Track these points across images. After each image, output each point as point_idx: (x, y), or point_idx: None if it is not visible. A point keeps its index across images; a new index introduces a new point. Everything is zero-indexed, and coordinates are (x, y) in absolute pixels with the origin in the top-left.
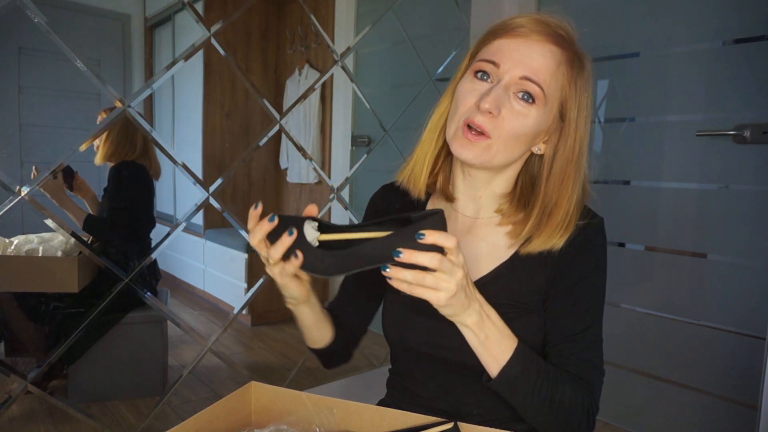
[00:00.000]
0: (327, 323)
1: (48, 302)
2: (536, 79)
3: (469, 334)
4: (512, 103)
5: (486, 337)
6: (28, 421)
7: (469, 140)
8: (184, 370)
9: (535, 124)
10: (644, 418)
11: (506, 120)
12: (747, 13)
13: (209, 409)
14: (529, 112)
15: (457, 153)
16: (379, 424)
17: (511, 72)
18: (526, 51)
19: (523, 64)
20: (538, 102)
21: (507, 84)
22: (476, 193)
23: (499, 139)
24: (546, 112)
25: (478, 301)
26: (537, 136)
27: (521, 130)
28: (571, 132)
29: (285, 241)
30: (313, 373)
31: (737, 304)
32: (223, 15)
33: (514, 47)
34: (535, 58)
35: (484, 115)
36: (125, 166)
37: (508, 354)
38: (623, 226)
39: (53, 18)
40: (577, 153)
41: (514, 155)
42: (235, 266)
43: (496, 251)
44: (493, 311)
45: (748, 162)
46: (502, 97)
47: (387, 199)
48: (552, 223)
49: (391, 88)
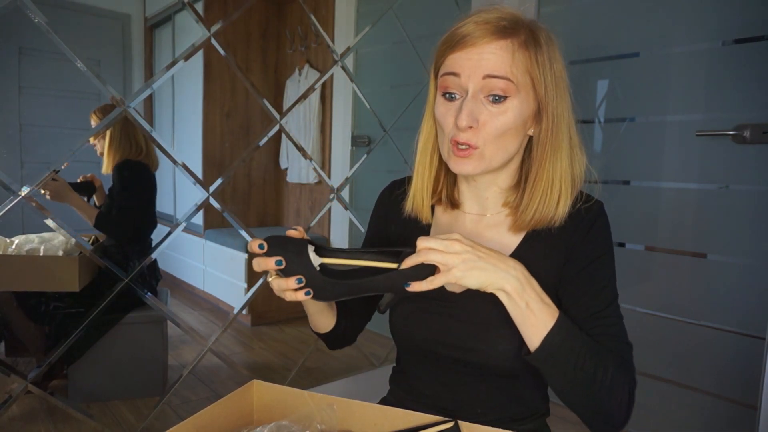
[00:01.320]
0: (330, 311)
1: (48, 302)
2: (498, 74)
3: (508, 302)
4: (487, 107)
5: (527, 304)
6: (28, 421)
7: (462, 156)
8: (184, 370)
9: (515, 116)
10: (644, 418)
11: (488, 125)
12: (747, 13)
13: (211, 408)
14: (506, 107)
15: (456, 170)
16: (381, 423)
17: (473, 78)
18: (478, 56)
19: (479, 67)
20: (510, 94)
21: (474, 92)
22: (482, 194)
23: (487, 145)
24: (522, 100)
25: (511, 263)
26: (524, 124)
27: (505, 127)
28: (546, 107)
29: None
30: (314, 373)
31: (737, 304)
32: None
33: (466, 57)
34: (489, 59)
35: (466, 132)
36: (127, 164)
37: (551, 323)
38: (623, 226)
39: (53, 18)
40: (552, 123)
41: (510, 150)
42: (235, 266)
43: (505, 245)
44: (534, 280)
45: (748, 162)
46: (475, 107)
47: (395, 196)
48: (537, 190)
49: (391, 88)
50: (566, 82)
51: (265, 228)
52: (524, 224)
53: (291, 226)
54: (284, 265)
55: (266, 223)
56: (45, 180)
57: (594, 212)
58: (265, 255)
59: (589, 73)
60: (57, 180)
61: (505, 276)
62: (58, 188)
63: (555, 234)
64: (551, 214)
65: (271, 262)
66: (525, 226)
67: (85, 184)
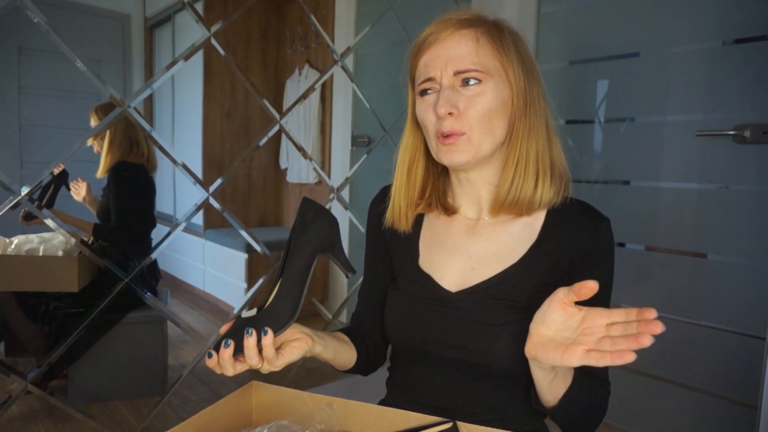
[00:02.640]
0: (346, 347)
1: (48, 302)
2: (467, 67)
3: (540, 375)
4: (463, 93)
5: (554, 375)
6: (28, 421)
7: (450, 144)
8: (184, 370)
9: (494, 97)
10: (644, 417)
11: (468, 108)
12: (747, 13)
13: (210, 409)
14: (483, 89)
15: (447, 162)
16: (380, 424)
17: (445, 73)
18: (444, 51)
19: (448, 63)
20: (483, 80)
21: (448, 84)
22: (477, 193)
23: (473, 128)
24: (497, 83)
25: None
26: (504, 105)
27: (485, 108)
28: (519, 90)
29: (249, 344)
30: (313, 373)
31: (737, 304)
32: (223, 15)
33: (434, 55)
34: (454, 49)
35: (447, 119)
36: (125, 166)
37: (569, 381)
38: (623, 226)
39: (53, 18)
40: (525, 105)
41: (496, 134)
42: (235, 266)
43: (504, 251)
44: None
45: (748, 162)
46: (452, 95)
47: (386, 201)
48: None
49: (391, 88)
50: (536, 67)
51: (265, 228)
52: (499, 203)
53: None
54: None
55: (266, 223)
56: (42, 183)
57: (604, 233)
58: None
59: (589, 73)
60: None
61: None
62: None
63: (560, 245)
64: (528, 196)
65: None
66: (503, 207)
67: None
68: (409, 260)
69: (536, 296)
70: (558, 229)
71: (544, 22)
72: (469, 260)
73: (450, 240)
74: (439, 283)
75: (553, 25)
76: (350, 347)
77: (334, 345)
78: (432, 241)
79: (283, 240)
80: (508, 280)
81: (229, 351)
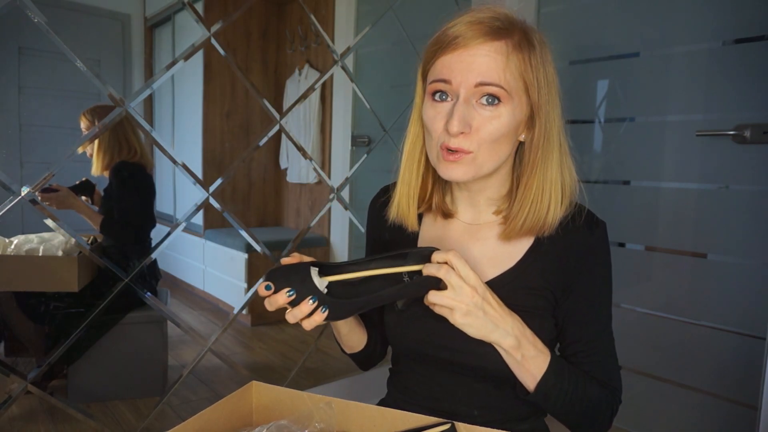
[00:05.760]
0: (360, 328)
1: (48, 302)
2: (491, 81)
3: (505, 355)
4: (479, 111)
5: (522, 356)
6: (28, 421)
7: (453, 161)
8: (184, 370)
9: (509, 121)
10: (644, 417)
11: (481, 130)
12: (747, 13)
13: (210, 409)
14: (500, 112)
15: (446, 176)
16: (379, 424)
17: (465, 84)
18: (471, 59)
19: (473, 73)
20: (503, 100)
21: (466, 97)
22: (475, 200)
23: (480, 150)
24: (516, 105)
25: (510, 323)
26: (516, 129)
27: (498, 133)
28: (539, 112)
29: (304, 309)
30: (313, 373)
31: (737, 304)
32: (223, 15)
33: (458, 60)
34: (482, 62)
35: (457, 137)
36: (125, 166)
37: (544, 368)
38: (623, 226)
39: (53, 18)
40: (545, 129)
41: (501, 157)
42: (235, 266)
43: (501, 256)
44: (528, 331)
45: (748, 162)
46: (467, 111)
47: (386, 201)
48: (527, 198)
49: (391, 88)
50: (558, 86)
51: (265, 228)
52: (515, 232)
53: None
54: (294, 295)
55: (266, 223)
56: (42, 183)
57: (599, 236)
58: (274, 293)
59: (589, 73)
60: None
61: (503, 335)
62: (61, 197)
63: (555, 250)
64: (541, 222)
65: (281, 297)
66: (516, 234)
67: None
68: None
69: (532, 300)
70: (553, 234)
71: (544, 22)
72: None
73: (447, 244)
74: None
75: (553, 25)
76: (363, 330)
77: (352, 322)
78: (430, 244)
79: (283, 240)
80: (504, 284)
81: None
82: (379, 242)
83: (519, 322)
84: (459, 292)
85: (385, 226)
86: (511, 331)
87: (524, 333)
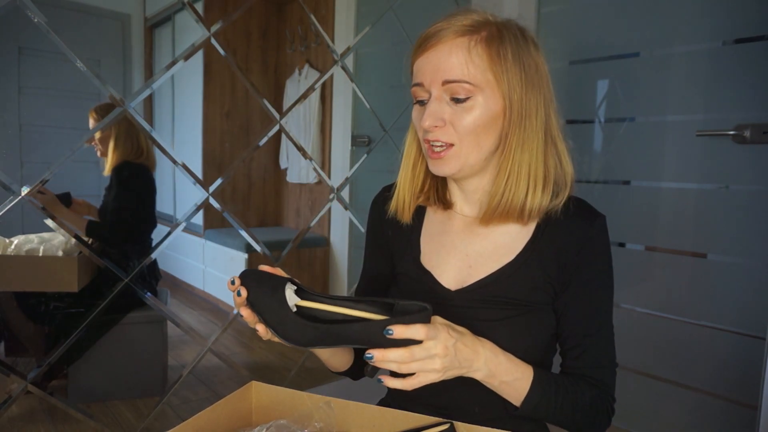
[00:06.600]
0: (342, 351)
1: (48, 302)
2: (455, 78)
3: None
4: (452, 106)
5: (500, 382)
6: (28, 421)
7: (438, 156)
8: (184, 370)
9: (482, 113)
10: (644, 418)
11: (456, 122)
12: (747, 13)
13: (210, 409)
14: (471, 105)
15: (435, 172)
16: (379, 424)
17: (434, 84)
18: (436, 58)
19: (438, 72)
20: (473, 93)
21: (437, 96)
22: (473, 196)
23: (463, 142)
24: (488, 97)
25: (482, 358)
26: (494, 119)
27: (474, 124)
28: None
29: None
30: (313, 373)
31: (737, 304)
32: (223, 15)
33: (427, 61)
34: (444, 59)
35: (433, 131)
36: (127, 166)
37: (526, 387)
38: (623, 226)
39: (53, 18)
40: (519, 118)
41: (485, 148)
42: (235, 266)
43: (500, 249)
44: (502, 353)
45: (748, 162)
46: (439, 107)
47: (385, 199)
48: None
49: (391, 88)
50: (546, 77)
51: (265, 228)
52: (491, 213)
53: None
54: (243, 295)
55: (266, 223)
56: (38, 186)
57: (599, 230)
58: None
59: (589, 73)
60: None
61: (477, 370)
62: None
63: (555, 242)
64: (519, 205)
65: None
66: (493, 216)
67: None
68: (410, 257)
69: (532, 293)
70: (553, 227)
71: (544, 22)
72: (466, 258)
73: (449, 238)
74: (439, 281)
75: (553, 25)
76: (345, 351)
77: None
78: (432, 239)
79: (283, 240)
80: (504, 278)
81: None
82: (381, 239)
83: (491, 354)
84: (431, 362)
85: (387, 223)
86: (484, 363)
87: (497, 361)
